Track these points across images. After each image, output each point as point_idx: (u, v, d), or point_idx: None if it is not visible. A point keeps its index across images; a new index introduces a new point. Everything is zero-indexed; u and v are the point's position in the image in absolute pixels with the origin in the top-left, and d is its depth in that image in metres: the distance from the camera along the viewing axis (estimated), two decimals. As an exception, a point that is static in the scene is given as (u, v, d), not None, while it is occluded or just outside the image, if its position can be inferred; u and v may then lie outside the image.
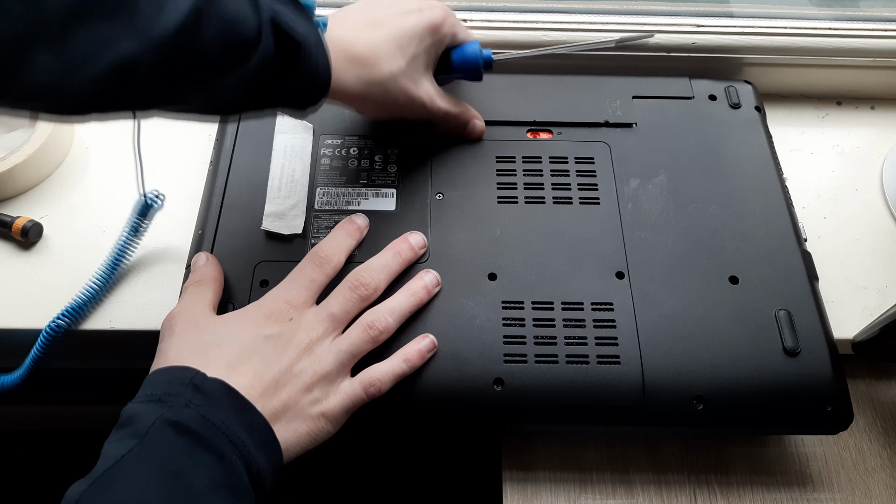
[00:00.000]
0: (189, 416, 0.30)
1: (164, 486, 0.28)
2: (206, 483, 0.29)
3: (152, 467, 0.28)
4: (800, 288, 0.40)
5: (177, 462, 0.29)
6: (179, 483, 0.28)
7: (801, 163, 0.52)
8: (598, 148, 0.45)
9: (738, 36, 0.52)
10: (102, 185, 0.49)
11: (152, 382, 0.32)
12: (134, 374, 0.35)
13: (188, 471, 0.29)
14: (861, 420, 0.44)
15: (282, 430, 0.33)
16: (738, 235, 0.42)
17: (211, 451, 0.30)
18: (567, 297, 0.39)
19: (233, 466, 0.30)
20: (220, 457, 0.30)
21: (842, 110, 0.56)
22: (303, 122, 0.46)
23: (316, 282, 0.38)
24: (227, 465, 0.30)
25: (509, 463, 0.41)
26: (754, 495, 0.40)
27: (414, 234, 0.41)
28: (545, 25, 0.51)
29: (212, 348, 0.34)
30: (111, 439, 0.30)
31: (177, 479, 0.28)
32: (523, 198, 0.43)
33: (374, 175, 0.44)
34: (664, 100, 0.48)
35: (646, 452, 0.42)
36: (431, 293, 0.39)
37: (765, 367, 0.37)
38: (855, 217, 0.49)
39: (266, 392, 0.33)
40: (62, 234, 0.46)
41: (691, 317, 0.39)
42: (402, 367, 0.36)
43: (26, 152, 0.47)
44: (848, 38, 0.52)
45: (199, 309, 0.37)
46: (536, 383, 0.37)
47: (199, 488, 0.28)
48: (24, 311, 0.43)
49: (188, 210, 0.45)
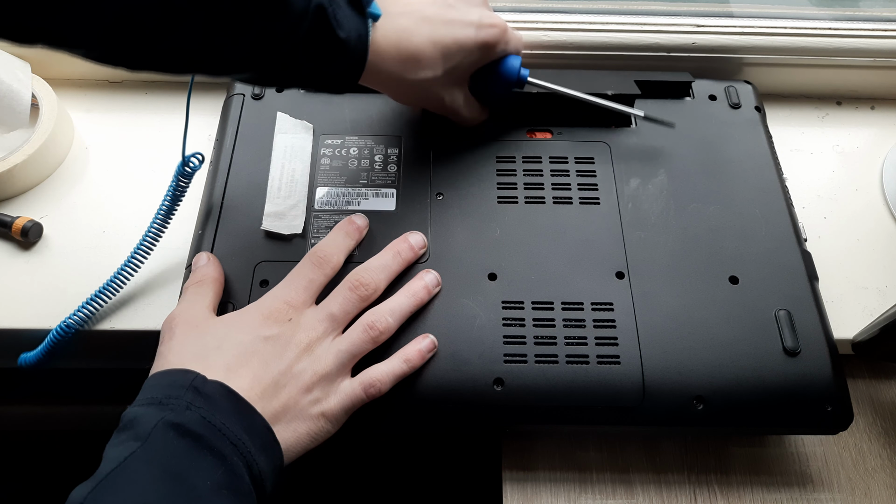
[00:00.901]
0: (190, 419, 0.30)
1: (167, 488, 0.28)
2: (209, 485, 0.29)
3: (155, 469, 0.28)
4: (800, 288, 0.40)
5: (179, 464, 0.29)
6: (182, 485, 0.28)
7: (801, 163, 0.52)
8: (598, 148, 0.45)
9: (738, 36, 0.52)
10: (102, 185, 0.49)
11: (153, 385, 0.32)
12: (134, 375, 0.35)
13: (190, 473, 0.29)
14: (861, 420, 0.44)
15: (282, 431, 0.33)
16: (738, 235, 0.42)
17: (213, 453, 0.30)
18: (567, 297, 0.39)
19: (234, 468, 0.30)
20: (221, 459, 0.30)
21: (842, 110, 0.56)
22: (303, 122, 0.46)
23: (315, 282, 0.38)
24: (229, 466, 0.30)
25: (509, 463, 0.41)
26: (754, 495, 0.40)
27: (414, 234, 0.41)
28: (545, 25, 0.51)
29: (211, 351, 0.34)
30: (112, 442, 0.30)
31: (179, 480, 0.28)
32: (523, 198, 0.43)
33: (374, 175, 0.44)
34: (664, 100, 0.48)
35: (646, 452, 0.42)
36: (432, 293, 0.39)
37: (765, 367, 0.37)
38: (855, 217, 0.49)
39: (266, 393, 0.33)
40: (62, 234, 0.46)
41: (691, 317, 0.39)
42: (402, 367, 0.36)
43: (26, 152, 0.47)
44: (848, 38, 0.52)
45: (200, 310, 0.37)
46: (536, 383, 0.37)
47: (202, 490, 0.28)
48: (24, 311, 0.43)
49: (188, 210, 0.45)
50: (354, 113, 0.47)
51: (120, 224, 0.47)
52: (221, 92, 0.50)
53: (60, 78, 0.54)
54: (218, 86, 0.53)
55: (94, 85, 0.55)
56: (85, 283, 0.43)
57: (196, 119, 0.52)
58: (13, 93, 0.48)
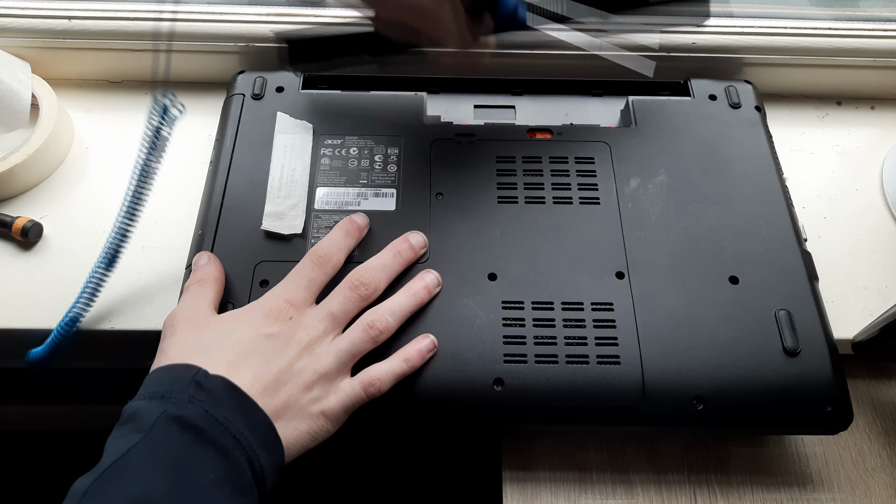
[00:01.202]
0: (193, 412, 0.30)
1: (169, 480, 0.28)
2: (211, 478, 0.29)
3: (158, 461, 0.28)
4: (800, 288, 0.40)
5: (182, 457, 0.29)
6: (184, 477, 0.28)
7: (801, 163, 0.52)
8: (598, 148, 0.45)
9: (738, 36, 0.52)
10: (102, 185, 0.49)
11: (154, 380, 0.33)
12: (134, 374, 0.35)
13: (193, 466, 0.29)
14: (861, 420, 0.44)
15: (282, 429, 0.33)
16: (738, 235, 0.42)
17: (215, 448, 0.30)
18: (567, 297, 0.39)
19: (236, 463, 0.30)
20: (223, 453, 0.30)
21: (842, 110, 0.56)
22: (303, 122, 0.46)
23: (315, 281, 0.38)
24: (231, 461, 0.30)
25: (509, 463, 0.41)
26: (754, 495, 0.40)
27: (414, 234, 0.41)
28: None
29: (212, 347, 0.34)
30: (114, 435, 0.30)
31: (182, 473, 0.28)
32: (523, 198, 0.43)
33: (374, 175, 0.44)
34: (664, 98, 0.48)
35: (646, 452, 0.42)
36: (432, 293, 0.39)
37: (765, 367, 0.37)
38: (855, 217, 0.49)
39: (266, 390, 0.33)
40: (62, 234, 0.46)
41: (691, 317, 0.39)
42: (402, 366, 0.36)
43: (26, 152, 0.47)
44: (848, 38, 0.52)
45: (201, 308, 0.37)
46: (536, 383, 0.37)
47: (204, 483, 0.29)
48: (24, 311, 0.43)
49: (188, 210, 0.45)
50: (354, 113, 0.47)
51: (120, 224, 0.47)
52: (221, 92, 0.50)
53: (60, 78, 0.54)
54: (218, 86, 0.54)
55: (94, 85, 0.55)
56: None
57: (196, 119, 0.52)
58: (13, 93, 0.48)
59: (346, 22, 0.51)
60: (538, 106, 0.50)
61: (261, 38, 0.51)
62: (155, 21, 0.51)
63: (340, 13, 0.51)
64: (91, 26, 0.51)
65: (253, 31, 0.51)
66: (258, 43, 0.51)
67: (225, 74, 0.52)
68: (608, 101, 0.50)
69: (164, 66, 0.50)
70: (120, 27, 0.51)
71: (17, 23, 0.51)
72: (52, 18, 0.51)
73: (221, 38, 0.51)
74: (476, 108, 0.50)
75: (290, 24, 0.51)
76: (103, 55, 0.53)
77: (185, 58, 0.53)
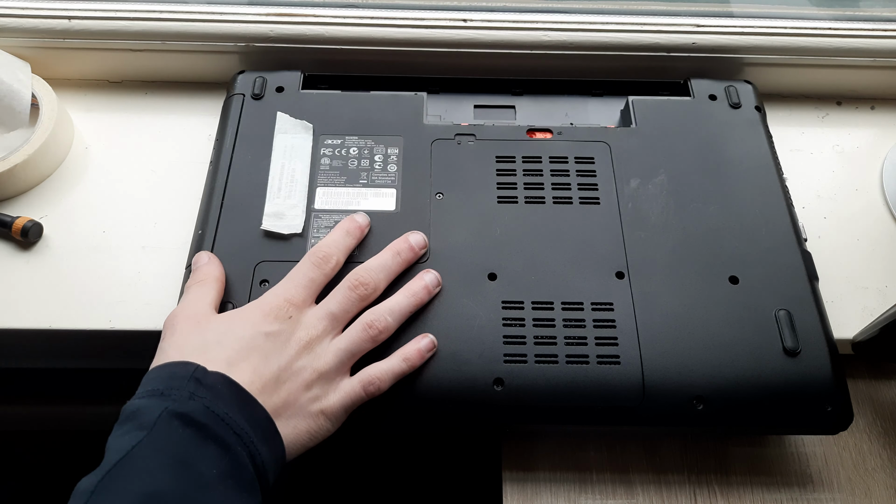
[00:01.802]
0: (194, 408, 0.30)
1: (175, 476, 0.28)
2: (214, 473, 0.29)
3: (162, 457, 0.29)
4: (800, 288, 0.40)
5: (186, 452, 0.29)
6: (189, 472, 0.29)
7: (801, 163, 0.52)
8: (598, 148, 0.45)
9: (738, 36, 0.52)
10: (102, 185, 0.49)
11: (153, 378, 0.33)
12: (134, 374, 0.35)
13: (197, 461, 0.29)
14: (861, 420, 0.44)
15: (282, 427, 0.33)
16: (738, 235, 0.42)
17: (217, 443, 0.30)
18: (567, 297, 0.39)
19: (238, 458, 0.30)
20: (225, 448, 0.30)
21: (842, 110, 0.56)
22: (303, 122, 0.46)
23: (315, 281, 0.38)
24: (233, 456, 0.30)
25: (509, 463, 0.41)
26: (754, 495, 0.40)
27: (414, 234, 0.41)
28: (545, 25, 0.51)
29: (212, 345, 0.34)
30: (115, 434, 0.30)
31: (187, 468, 0.29)
32: (523, 198, 0.43)
33: (374, 175, 0.44)
34: (664, 98, 0.48)
35: (646, 452, 0.42)
36: (432, 293, 0.39)
37: (765, 367, 0.37)
38: (855, 217, 0.49)
39: (266, 388, 0.33)
40: (62, 234, 0.46)
41: (691, 317, 0.39)
42: (401, 366, 0.36)
43: (26, 152, 0.47)
44: (848, 38, 0.52)
45: (201, 308, 0.37)
46: (536, 383, 0.37)
47: (209, 478, 0.29)
48: (24, 311, 0.43)
49: (188, 210, 0.45)
50: (354, 113, 0.47)
51: (120, 224, 0.47)
52: (221, 92, 0.51)
53: (60, 78, 0.54)
54: (218, 86, 0.54)
55: (94, 85, 0.55)
56: (85, 283, 0.43)
57: (196, 119, 0.52)
58: (13, 93, 0.48)
59: (347, 22, 0.51)
60: (538, 106, 0.50)
61: (261, 38, 0.51)
62: (155, 21, 0.51)
63: (340, 13, 0.51)
64: (91, 26, 0.51)
65: (253, 31, 0.51)
66: (258, 43, 0.51)
67: (225, 74, 0.52)
68: (608, 101, 0.51)
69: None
70: (120, 27, 0.51)
71: (17, 23, 0.51)
72: (52, 18, 0.51)
73: (221, 37, 0.51)
74: (476, 108, 0.50)
75: (291, 23, 0.51)
76: (103, 55, 0.53)
77: (185, 58, 0.53)
